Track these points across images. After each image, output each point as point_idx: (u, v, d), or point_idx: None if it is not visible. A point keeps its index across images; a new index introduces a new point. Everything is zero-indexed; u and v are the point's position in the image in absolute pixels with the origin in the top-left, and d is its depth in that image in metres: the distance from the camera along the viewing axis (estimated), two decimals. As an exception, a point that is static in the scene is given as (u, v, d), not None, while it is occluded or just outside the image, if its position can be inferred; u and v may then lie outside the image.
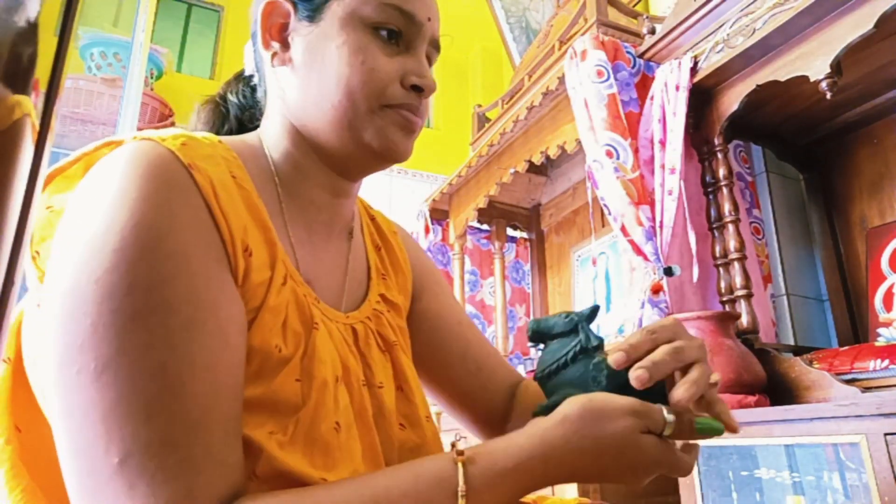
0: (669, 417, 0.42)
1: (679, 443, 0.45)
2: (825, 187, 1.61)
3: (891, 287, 1.38)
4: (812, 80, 1.16)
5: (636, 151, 1.40)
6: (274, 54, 0.51)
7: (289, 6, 0.50)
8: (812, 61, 1.17)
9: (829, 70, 1.13)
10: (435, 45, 0.53)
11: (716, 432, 0.44)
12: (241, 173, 0.47)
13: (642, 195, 1.37)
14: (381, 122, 0.49)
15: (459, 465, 0.39)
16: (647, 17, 1.57)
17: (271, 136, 0.53)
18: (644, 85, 1.49)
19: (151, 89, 2.86)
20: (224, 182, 0.44)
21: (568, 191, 2.36)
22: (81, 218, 0.38)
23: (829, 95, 1.14)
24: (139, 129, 2.00)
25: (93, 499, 0.34)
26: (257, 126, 0.56)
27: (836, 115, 1.54)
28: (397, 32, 0.49)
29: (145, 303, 0.36)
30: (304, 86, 0.49)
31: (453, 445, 0.42)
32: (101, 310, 0.35)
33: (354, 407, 0.48)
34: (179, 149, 0.42)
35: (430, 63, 0.54)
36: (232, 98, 0.61)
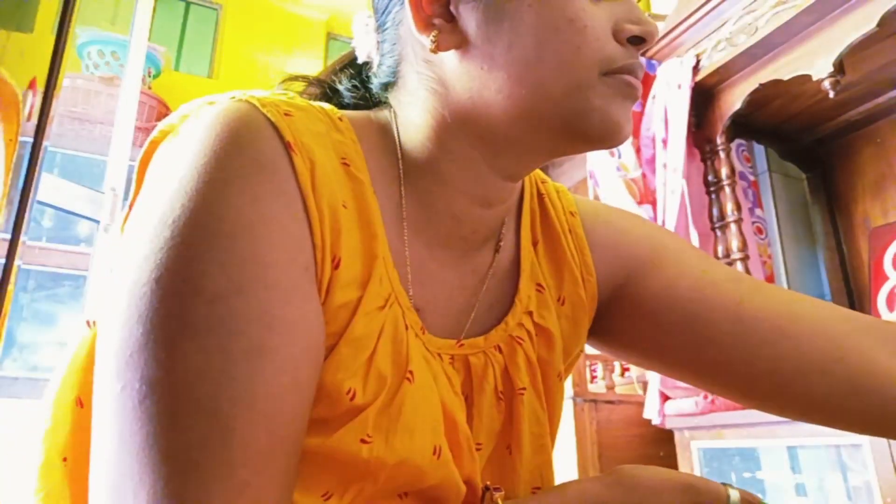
0: (734, 494, 0.36)
1: None
2: (828, 187, 1.61)
3: (893, 287, 1.38)
4: (815, 78, 1.16)
5: (638, 150, 1.40)
6: (437, 35, 0.37)
7: None
8: (815, 60, 1.17)
9: (831, 69, 1.12)
10: None
11: None
12: (359, 161, 0.38)
13: (644, 194, 1.36)
14: (601, 96, 0.36)
15: None
16: (648, 16, 1.56)
17: (408, 130, 0.41)
18: (646, 83, 1.48)
19: (149, 88, 2.85)
20: (329, 170, 0.35)
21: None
22: (153, 195, 0.32)
23: (831, 94, 1.14)
24: (137, 128, 1.98)
25: (112, 486, 0.28)
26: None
27: (838, 115, 1.53)
28: None
29: (207, 317, 0.29)
30: (485, 71, 0.36)
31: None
32: (156, 320, 0.29)
33: (462, 480, 0.38)
34: (281, 119, 0.34)
35: None
36: (343, 86, 0.47)
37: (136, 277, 0.30)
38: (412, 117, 0.40)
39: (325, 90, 0.47)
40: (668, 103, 1.37)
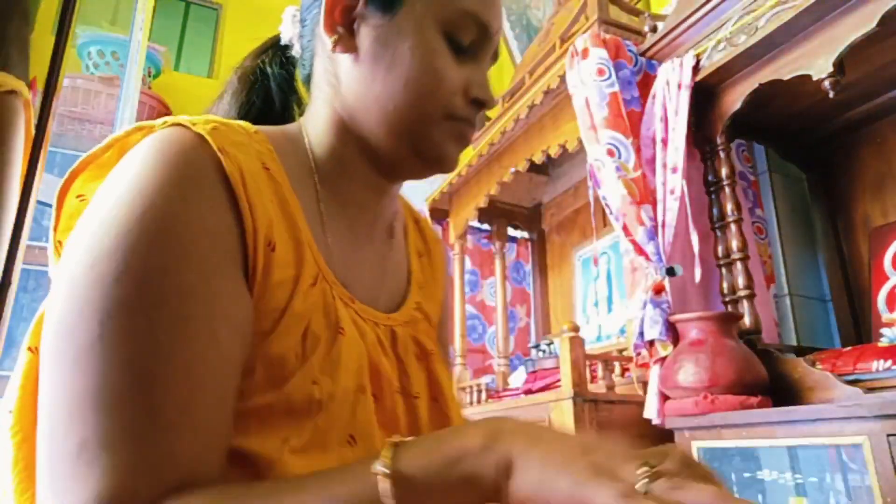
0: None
1: None
2: (828, 187, 1.61)
3: (894, 287, 1.38)
4: (815, 78, 1.16)
5: (638, 150, 1.40)
6: (337, 40, 0.47)
7: None
8: (815, 60, 1.16)
9: (831, 69, 1.12)
10: (494, 56, 0.51)
11: None
12: (275, 166, 0.45)
13: (644, 194, 1.36)
14: (439, 134, 0.47)
15: (386, 483, 0.33)
16: (648, 15, 1.56)
17: (314, 128, 0.50)
18: (646, 83, 1.48)
19: (149, 88, 2.85)
20: (254, 172, 0.42)
21: (569, 190, 2.36)
22: (97, 204, 0.38)
23: (831, 94, 1.14)
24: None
25: (50, 483, 0.33)
26: (291, 113, 0.54)
27: (838, 114, 1.53)
28: (469, 42, 0.47)
29: (134, 293, 0.34)
30: (367, 80, 0.46)
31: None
32: (91, 296, 0.34)
33: (384, 416, 0.45)
34: (210, 133, 0.40)
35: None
36: (271, 71, 0.56)
37: (76, 264, 0.35)
38: (318, 109, 0.50)
39: (254, 78, 0.56)
40: (667, 103, 1.37)
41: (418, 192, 3.07)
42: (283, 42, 0.56)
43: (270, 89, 0.56)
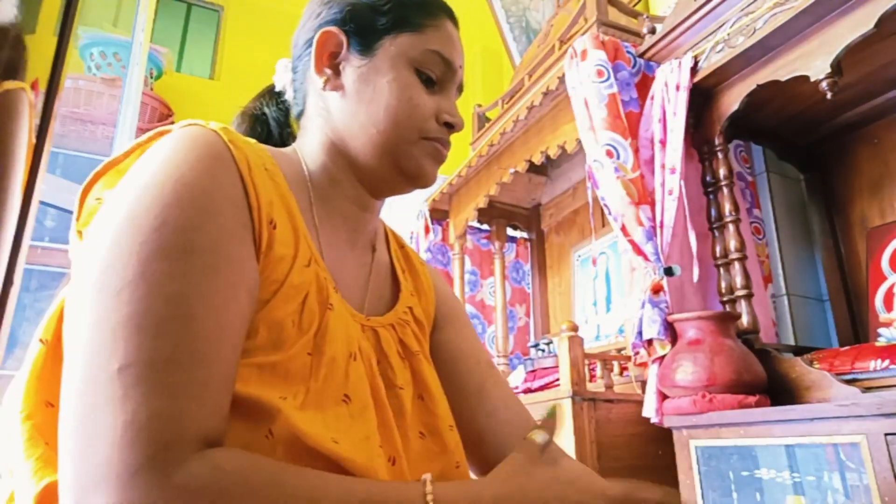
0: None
1: None
2: (825, 187, 1.61)
3: (891, 287, 1.38)
4: (812, 80, 1.16)
5: (636, 151, 1.40)
6: (327, 80, 0.56)
7: (343, 38, 0.56)
8: (812, 61, 1.17)
9: (829, 70, 1.13)
10: (460, 88, 0.61)
11: None
12: (275, 170, 0.52)
13: (642, 195, 1.37)
14: (417, 152, 0.56)
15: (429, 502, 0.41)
16: (647, 17, 1.57)
17: (309, 149, 0.58)
18: (644, 85, 1.49)
19: (151, 89, 2.86)
20: (257, 163, 0.48)
21: (568, 191, 2.36)
22: (130, 181, 0.43)
23: (829, 95, 1.14)
24: (139, 129, 2.00)
25: (85, 401, 0.35)
26: (287, 143, 0.62)
27: (836, 115, 1.54)
28: (437, 75, 0.56)
29: (172, 240, 0.39)
30: (353, 110, 0.55)
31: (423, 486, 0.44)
32: (132, 241, 0.39)
33: (369, 382, 0.50)
34: (222, 130, 0.47)
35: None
36: (269, 112, 0.66)
37: (115, 221, 0.40)
38: (311, 136, 0.58)
39: (256, 115, 0.65)
40: (666, 104, 1.38)
41: (418, 193, 3.08)
42: (277, 89, 0.65)
43: (269, 124, 0.65)
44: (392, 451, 0.49)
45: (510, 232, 2.57)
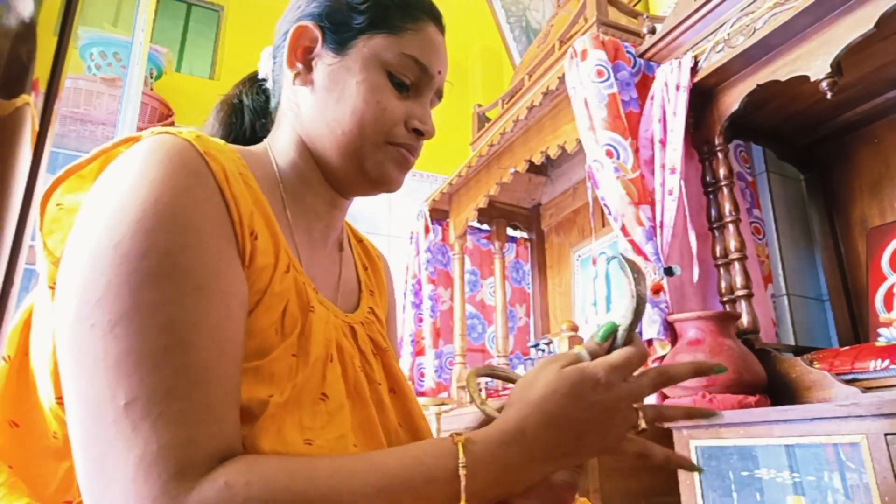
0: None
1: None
2: (825, 187, 1.61)
3: (891, 287, 1.38)
4: (812, 79, 1.16)
5: (636, 151, 1.40)
6: (297, 74, 0.55)
7: (318, 34, 0.55)
8: (812, 61, 1.17)
9: (829, 70, 1.13)
10: (439, 94, 0.60)
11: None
12: (247, 172, 0.51)
13: (642, 195, 1.37)
14: (381, 156, 0.55)
15: (459, 445, 0.42)
16: (647, 17, 1.57)
17: (279, 145, 0.57)
18: (644, 85, 1.49)
19: (151, 89, 2.86)
20: (234, 172, 0.48)
21: (568, 191, 2.36)
22: (104, 197, 0.42)
23: (829, 95, 1.14)
24: (139, 129, 2.00)
25: (96, 441, 0.36)
26: (265, 135, 0.61)
27: (836, 115, 1.54)
28: (411, 80, 0.55)
29: (160, 266, 0.39)
30: (321, 108, 0.54)
31: (451, 436, 0.45)
32: (119, 271, 0.38)
33: (348, 383, 0.51)
34: (195, 140, 0.46)
35: (431, 108, 0.60)
36: (247, 101, 0.64)
37: (96, 246, 0.39)
38: (283, 131, 0.57)
39: (234, 104, 0.64)
40: (666, 104, 1.38)
41: (418, 193, 3.09)
42: (260, 76, 0.64)
43: (245, 116, 0.64)
44: (375, 447, 0.50)
45: (510, 232, 2.57)
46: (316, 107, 0.55)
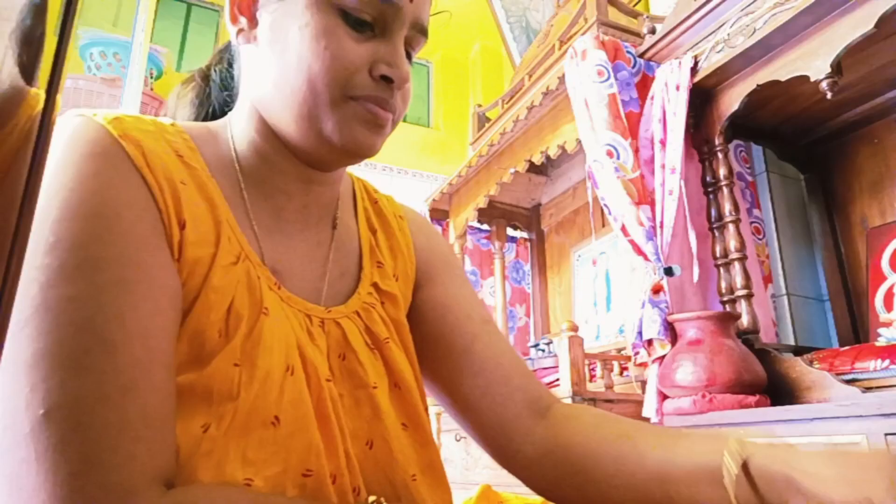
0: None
1: None
2: (825, 187, 1.61)
3: (891, 287, 1.38)
4: (812, 79, 1.16)
5: (636, 151, 1.40)
6: (240, 30, 0.47)
7: None
8: (812, 61, 1.17)
9: (829, 70, 1.13)
10: (420, 30, 0.47)
11: None
12: (191, 154, 0.45)
13: (643, 195, 1.37)
14: (342, 115, 0.44)
15: None
16: (647, 17, 1.57)
17: (238, 122, 0.49)
18: (644, 85, 1.49)
19: (151, 89, 2.86)
20: (159, 153, 0.42)
21: (568, 191, 2.36)
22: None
23: (829, 95, 1.14)
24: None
25: (10, 454, 0.31)
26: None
27: (836, 115, 1.54)
28: (372, 16, 0.44)
29: (69, 259, 0.34)
30: (266, 67, 0.45)
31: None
32: (26, 268, 0.34)
33: (312, 400, 0.43)
34: (110, 122, 0.41)
35: (414, 49, 0.49)
36: (213, 76, 0.56)
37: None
38: (239, 104, 0.49)
39: (201, 79, 0.57)
40: (666, 104, 1.38)
41: (418, 193, 3.09)
42: (233, 45, 0.54)
43: (212, 91, 0.56)
44: (334, 469, 0.42)
45: (510, 232, 2.57)
46: (262, 67, 0.45)
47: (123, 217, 0.37)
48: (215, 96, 0.56)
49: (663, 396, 1.27)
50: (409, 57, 0.48)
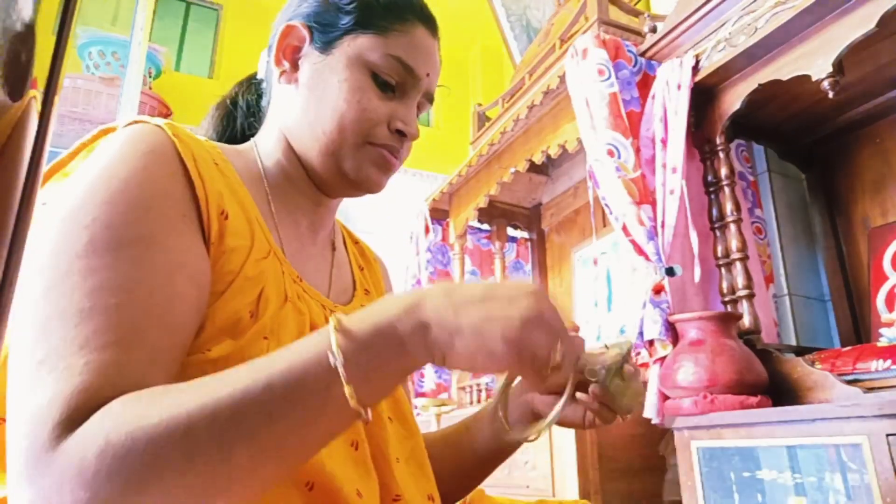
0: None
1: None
2: (827, 187, 1.61)
3: (893, 287, 1.38)
4: (814, 79, 1.16)
5: (637, 151, 1.40)
6: (283, 72, 0.57)
7: (305, 33, 0.56)
8: (814, 60, 1.17)
9: (831, 69, 1.12)
10: (428, 97, 0.59)
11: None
12: (225, 165, 0.52)
13: (644, 195, 1.36)
14: (361, 157, 0.55)
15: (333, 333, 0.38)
16: (648, 16, 1.57)
17: (265, 143, 0.58)
18: (645, 84, 1.48)
19: (150, 88, 2.85)
20: (204, 157, 0.48)
21: (569, 190, 2.36)
22: (72, 183, 0.44)
23: (831, 95, 1.14)
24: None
25: (12, 394, 0.36)
26: (254, 134, 0.62)
27: (838, 115, 1.53)
28: (396, 81, 0.55)
29: (101, 236, 0.40)
30: (304, 107, 0.55)
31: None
32: (63, 240, 0.40)
33: None
34: (167, 125, 0.47)
35: (421, 110, 0.60)
36: (241, 102, 0.65)
37: (50, 223, 0.41)
38: (269, 130, 0.59)
39: (228, 105, 0.66)
40: (667, 103, 1.37)
41: (418, 192, 3.08)
42: (258, 76, 0.65)
43: (236, 118, 0.65)
44: (354, 436, 0.50)
45: (510, 232, 2.56)
46: (299, 106, 0.56)
47: (158, 203, 0.43)
48: (241, 122, 0.64)
49: (664, 397, 1.27)
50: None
